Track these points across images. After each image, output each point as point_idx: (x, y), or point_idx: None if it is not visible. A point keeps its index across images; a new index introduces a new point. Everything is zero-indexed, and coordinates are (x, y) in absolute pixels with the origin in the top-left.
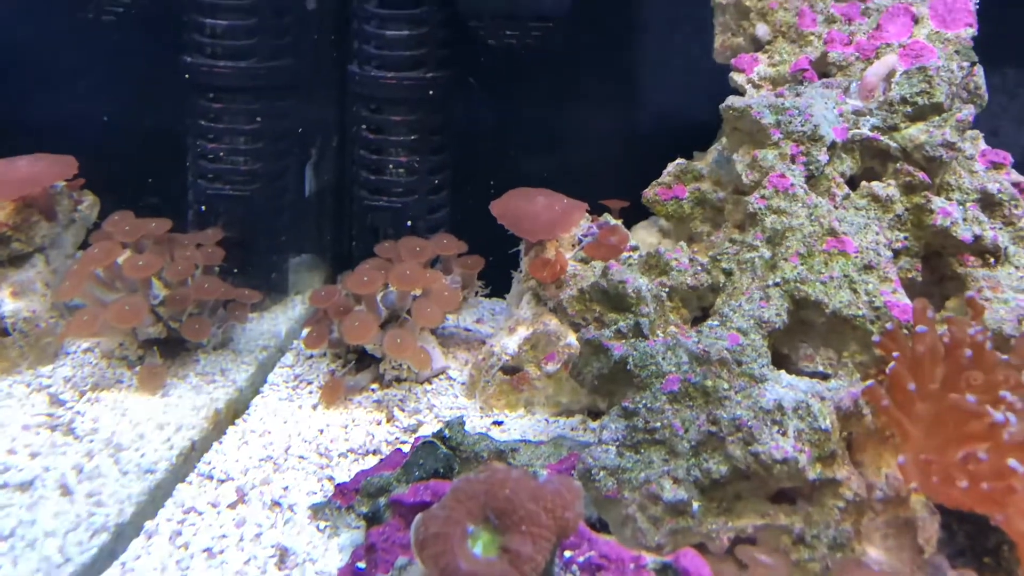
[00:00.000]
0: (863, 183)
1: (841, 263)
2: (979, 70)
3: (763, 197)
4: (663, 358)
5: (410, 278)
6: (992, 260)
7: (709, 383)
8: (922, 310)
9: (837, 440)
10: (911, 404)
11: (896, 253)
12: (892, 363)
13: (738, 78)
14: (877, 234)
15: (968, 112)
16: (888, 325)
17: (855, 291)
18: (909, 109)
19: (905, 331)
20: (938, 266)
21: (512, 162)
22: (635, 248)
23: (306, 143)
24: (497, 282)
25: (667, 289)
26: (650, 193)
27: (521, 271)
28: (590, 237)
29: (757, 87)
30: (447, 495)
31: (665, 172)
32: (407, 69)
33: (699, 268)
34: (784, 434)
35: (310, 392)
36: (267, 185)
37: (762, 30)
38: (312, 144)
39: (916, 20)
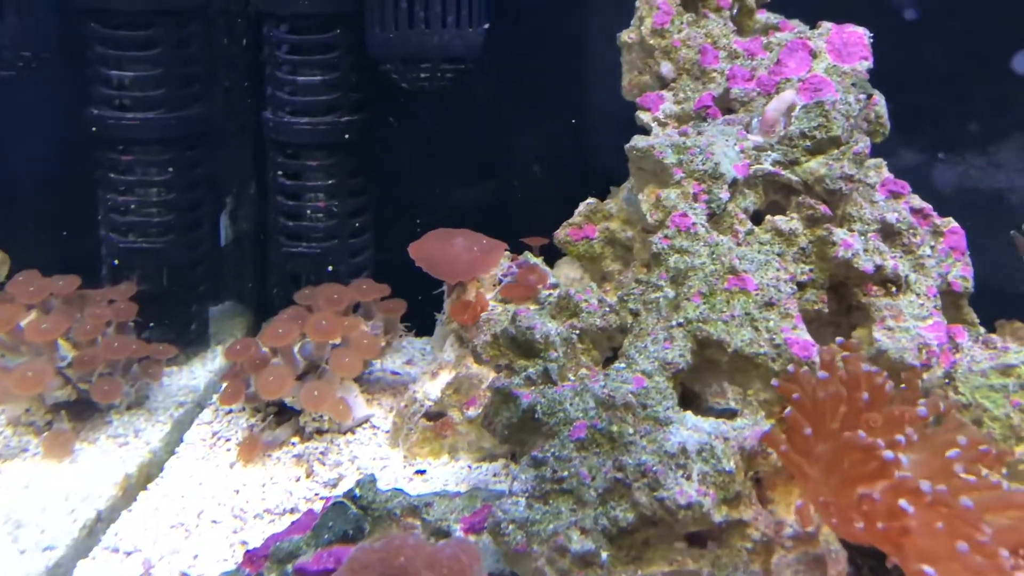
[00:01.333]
0: (768, 217)
1: (742, 301)
2: (879, 100)
3: (666, 237)
4: (571, 404)
5: (326, 328)
6: (894, 289)
7: (615, 428)
8: (830, 360)
9: (743, 481)
10: (810, 445)
11: (802, 285)
12: (789, 407)
13: (644, 116)
14: (778, 270)
15: (864, 144)
16: (790, 367)
17: (756, 329)
18: (808, 143)
19: (806, 368)
20: (845, 296)
21: (438, 200)
22: (555, 286)
23: (221, 192)
24: (429, 322)
25: (577, 331)
26: (561, 234)
27: (444, 313)
28: (510, 277)
29: (663, 125)
30: (343, 566)
31: (576, 212)
32: (321, 114)
33: (607, 309)
34: (688, 478)
35: (228, 450)
36: (182, 236)
37: (666, 68)
38: (228, 192)
39: (814, 55)
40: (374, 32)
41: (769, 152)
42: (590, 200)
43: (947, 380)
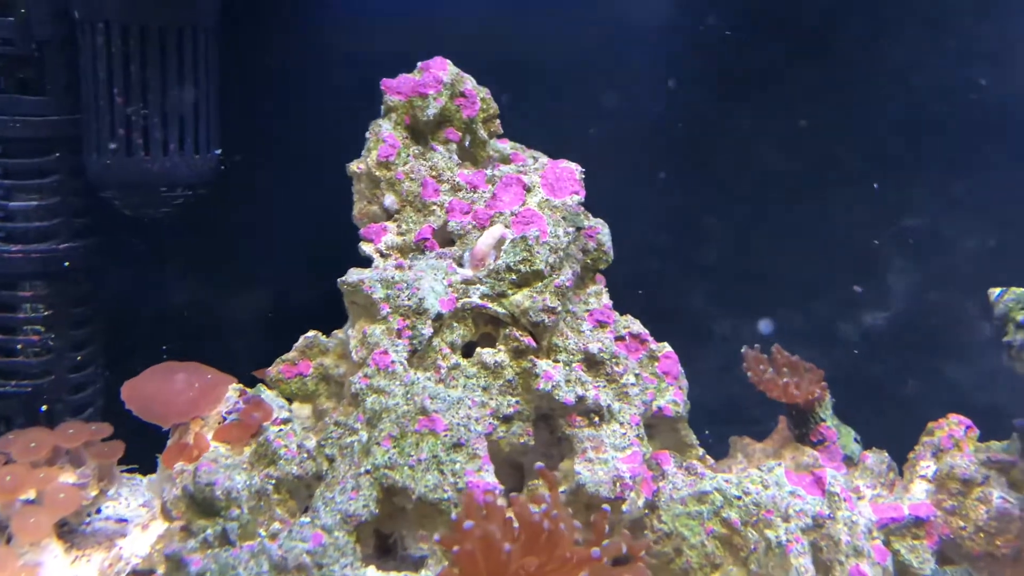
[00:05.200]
0: (477, 350)
1: (431, 443)
2: (601, 229)
3: (366, 376)
4: (245, 569)
5: (11, 484)
6: (596, 419)
7: None
8: (468, 503)
9: None
10: None
11: (509, 419)
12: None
13: (367, 248)
14: (470, 408)
15: (566, 277)
16: (452, 515)
17: (442, 472)
18: (514, 276)
19: (484, 512)
20: (554, 427)
21: (177, 328)
22: (287, 421)
23: None
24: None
25: (274, 481)
26: (273, 371)
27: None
28: (235, 414)
29: (385, 256)
30: None
31: (294, 346)
32: (36, 241)
33: (305, 456)
34: None
35: None
36: None
37: (389, 200)
38: None
39: (528, 189)
40: (92, 158)
41: (478, 285)
42: (309, 334)
43: (646, 511)
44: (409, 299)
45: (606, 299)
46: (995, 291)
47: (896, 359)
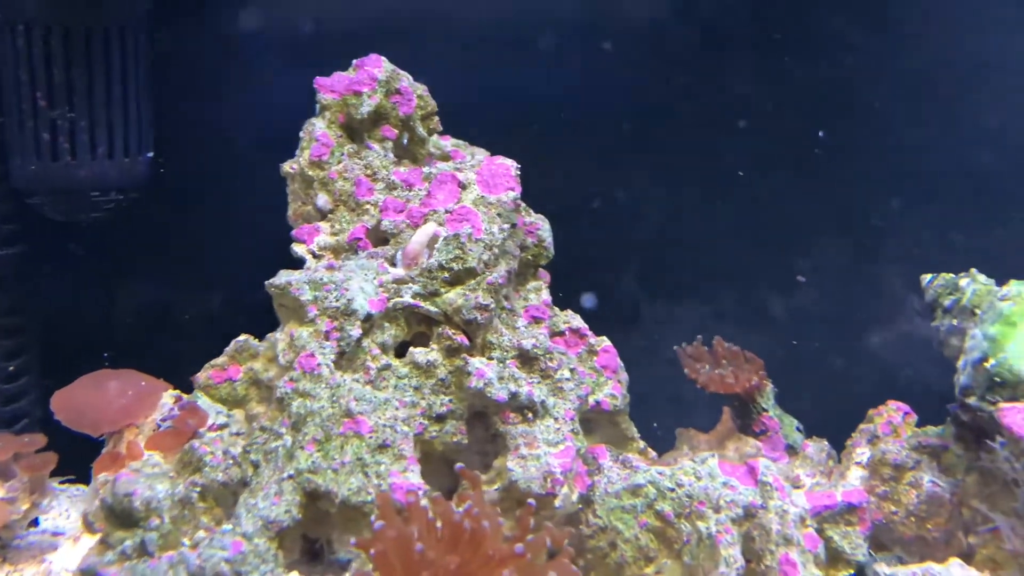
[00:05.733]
0: (411, 349)
1: (355, 445)
2: (542, 225)
3: (292, 380)
4: None
5: None
6: (530, 415)
7: None
8: (383, 505)
9: None
10: None
11: (442, 417)
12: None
13: (299, 249)
14: (398, 409)
15: (499, 274)
16: (373, 519)
17: (367, 475)
18: (447, 275)
19: (407, 513)
20: (489, 425)
21: (115, 335)
22: (224, 426)
23: None
24: None
25: (199, 489)
26: (202, 377)
27: None
28: (169, 421)
29: (318, 257)
30: None
31: (225, 351)
32: None
33: (231, 462)
34: None
35: None
36: None
37: (322, 200)
38: None
39: (463, 186)
40: (16, 163)
41: (410, 284)
42: (240, 338)
43: (580, 505)
44: (337, 300)
45: (545, 295)
46: (926, 277)
47: (838, 346)
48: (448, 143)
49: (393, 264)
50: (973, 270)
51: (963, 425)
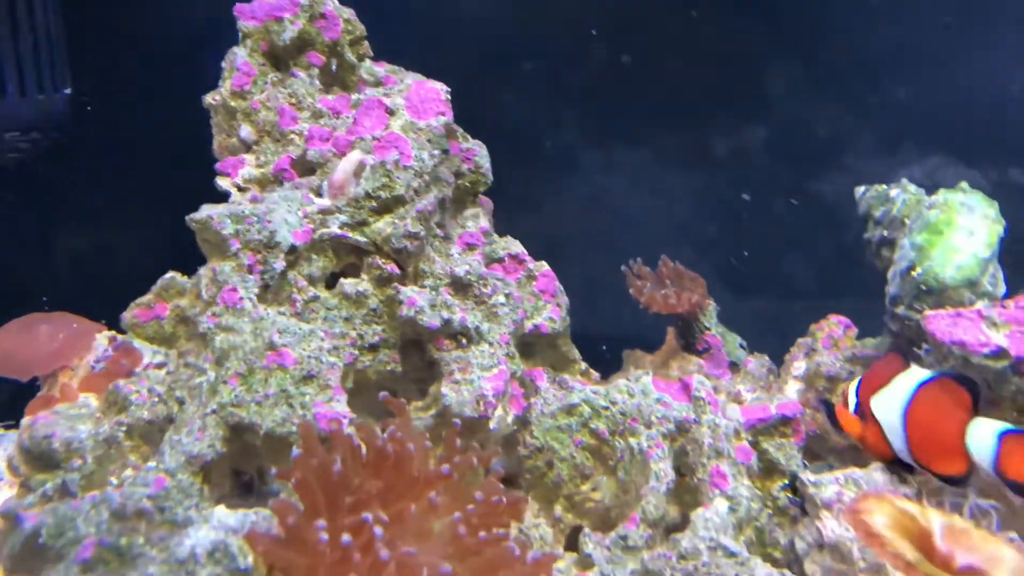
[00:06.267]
0: (341, 280)
1: (279, 378)
2: (479, 151)
3: (214, 315)
4: (84, 520)
5: None
6: (464, 341)
7: (124, 541)
8: (304, 433)
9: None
10: (305, 531)
11: (375, 347)
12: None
13: (223, 182)
14: (323, 340)
15: (429, 201)
16: (294, 449)
17: (291, 406)
18: (374, 203)
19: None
20: (425, 352)
21: (48, 278)
22: (162, 365)
23: None
24: None
25: (125, 428)
26: (128, 316)
27: None
28: (103, 362)
29: (243, 190)
30: None
31: (151, 289)
32: None
33: (156, 400)
34: None
35: None
36: None
37: (245, 131)
38: None
39: (391, 112)
40: None
41: (337, 215)
42: (167, 275)
43: (516, 427)
44: (260, 233)
45: (484, 222)
46: (860, 189)
47: (784, 262)
48: (383, 69)
49: (319, 195)
50: (904, 180)
51: (896, 335)
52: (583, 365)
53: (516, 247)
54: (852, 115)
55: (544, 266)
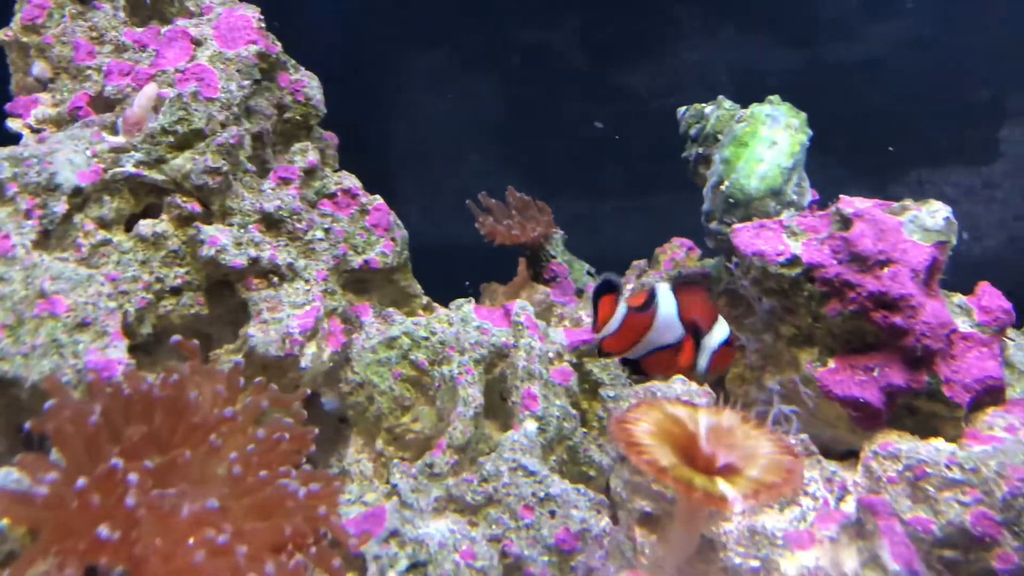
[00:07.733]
0: (138, 223)
1: (50, 327)
2: (308, 82)
3: None
4: None
5: None
6: (276, 280)
7: None
8: (50, 385)
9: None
10: (60, 487)
11: (177, 290)
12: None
13: (14, 124)
14: (102, 285)
15: (232, 133)
16: (47, 403)
17: (62, 356)
18: (172, 139)
19: (110, 390)
20: (234, 293)
21: None
22: None
23: None
24: None
25: None
26: None
27: None
28: None
29: (37, 131)
30: None
31: None
32: None
33: None
34: None
35: None
36: None
37: (38, 68)
38: None
39: (198, 43)
40: None
41: (132, 153)
42: None
43: (331, 364)
44: (39, 175)
45: (312, 156)
46: (681, 109)
47: (632, 186)
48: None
49: (115, 132)
50: (720, 97)
51: (713, 253)
52: (425, 299)
53: (349, 181)
54: None
55: (378, 199)
